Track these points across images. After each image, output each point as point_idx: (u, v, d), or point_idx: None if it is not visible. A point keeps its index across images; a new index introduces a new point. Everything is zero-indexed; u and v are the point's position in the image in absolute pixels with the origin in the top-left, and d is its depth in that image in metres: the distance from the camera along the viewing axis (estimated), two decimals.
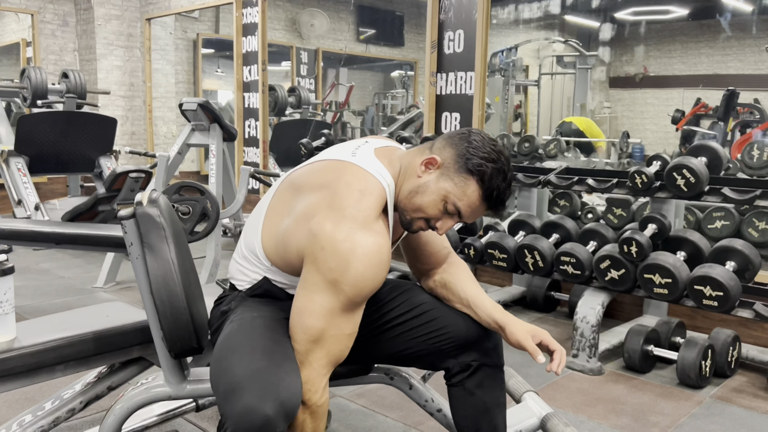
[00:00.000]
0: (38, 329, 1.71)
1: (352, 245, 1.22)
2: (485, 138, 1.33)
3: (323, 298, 1.24)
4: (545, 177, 3.10)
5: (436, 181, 1.32)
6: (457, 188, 1.30)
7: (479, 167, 1.29)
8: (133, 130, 6.73)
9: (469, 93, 3.91)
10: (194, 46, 7.37)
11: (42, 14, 6.47)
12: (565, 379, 2.67)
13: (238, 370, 1.20)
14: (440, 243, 1.58)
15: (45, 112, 4.81)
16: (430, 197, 1.32)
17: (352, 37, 8.44)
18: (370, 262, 1.23)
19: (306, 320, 1.25)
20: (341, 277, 1.22)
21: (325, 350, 1.26)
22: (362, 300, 1.28)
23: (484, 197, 1.31)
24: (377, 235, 1.26)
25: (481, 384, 1.48)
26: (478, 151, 1.30)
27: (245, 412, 1.12)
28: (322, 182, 1.33)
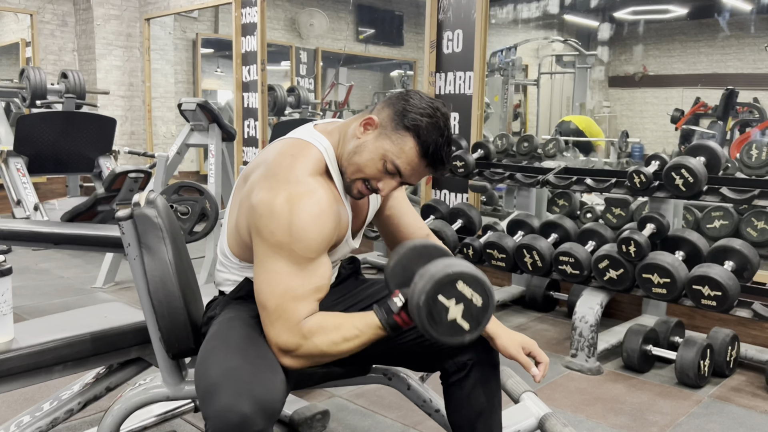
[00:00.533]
0: (36, 330, 1.71)
1: (288, 203, 1.24)
2: (423, 96, 1.34)
3: (276, 263, 1.25)
4: (544, 177, 3.10)
5: (374, 140, 1.33)
6: (395, 145, 1.31)
7: (414, 122, 1.29)
8: (132, 130, 6.73)
9: (468, 93, 3.91)
10: (193, 45, 7.37)
11: (41, 14, 6.47)
12: (564, 378, 2.67)
13: (214, 371, 1.21)
14: (415, 224, 1.62)
15: (44, 112, 4.81)
16: (368, 155, 1.33)
17: (352, 37, 8.44)
18: (309, 214, 1.25)
19: (267, 289, 1.26)
20: (285, 237, 1.24)
21: (292, 308, 1.25)
22: (315, 254, 1.28)
23: (422, 153, 1.31)
24: (313, 188, 1.28)
25: (477, 383, 1.49)
26: (414, 107, 1.31)
27: (222, 411, 1.13)
28: (260, 161, 1.38)
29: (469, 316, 1.19)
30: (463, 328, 1.19)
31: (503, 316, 3.48)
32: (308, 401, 2.23)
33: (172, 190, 3.22)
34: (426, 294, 1.16)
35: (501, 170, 3.34)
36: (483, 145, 3.48)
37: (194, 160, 7.31)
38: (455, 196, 4.04)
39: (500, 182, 3.34)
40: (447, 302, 1.17)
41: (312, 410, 2.16)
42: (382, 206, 1.59)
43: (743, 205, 2.67)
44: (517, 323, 3.37)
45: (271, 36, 7.36)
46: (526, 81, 8.56)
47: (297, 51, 7.86)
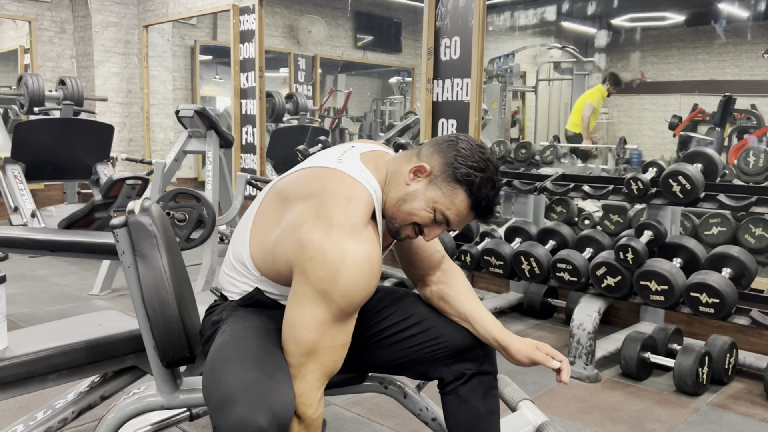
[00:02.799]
0: (30, 338, 1.70)
1: (341, 254, 1.20)
2: (473, 145, 1.31)
3: (314, 309, 1.22)
4: (541, 184, 3.10)
5: (424, 189, 1.30)
6: (446, 198, 1.29)
7: (467, 177, 1.27)
8: (130, 137, 6.73)
9: (466, 99, 3.91)
10: (192, 52, 7.38)
11: (39, 21, 6.48)
12: (562, 386, 2.66)
13: (231, 382, 1.18)
14: (432, 247, 1.57)
15: (42, 119, 4.81)
16: (419, 205, 1.30)
17: (350, 44, 8.46)
18: (360, 270, 1.21)
19: (298, 333, 1.24)
20: (331, 287, 1.21)
21: (319, 362, 1.24)
22: (354, 309, 1.26)
23: (473, 206, 1.30)
24: (366, 242, 1.24)
25: (475, 392, 1.48)
26: (466, 160, 1.28)
27: (238, 423, 1.11)
28: (308, 191, 1.32)
29: None
30: None
31: (501, 323, 3.46)
32: None
33: (169, 197, 3.21)
34: None
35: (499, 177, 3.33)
36: None
37: (192, 167, 7.31)
38: None
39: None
40: None
41: None
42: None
43: (741, 212, 2.67)
44: (515, 330, 3.36)
45: (269, 43, 7.39)
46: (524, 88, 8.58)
47: (295, 58, 7.88)
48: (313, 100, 7.93)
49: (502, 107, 7.14)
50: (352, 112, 8.73)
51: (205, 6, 5.78)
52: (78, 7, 6.58)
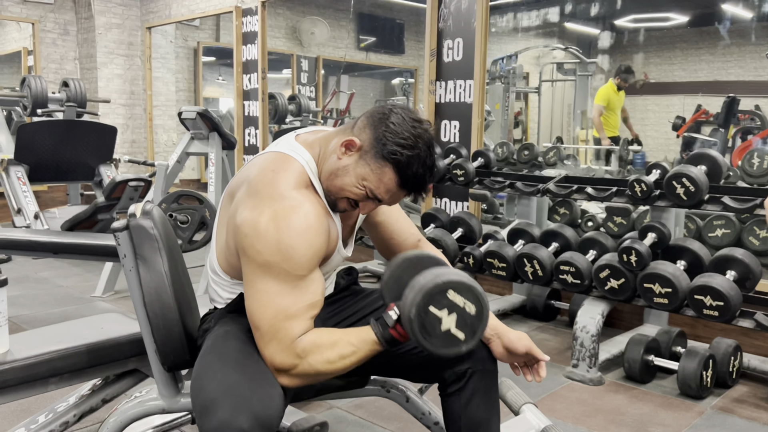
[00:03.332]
0: (32, 341, 1.70)
1: (274, 220, 1.21)
2: (405, 119, 1.28)
3: (264, 284, 1.23)
4: (544, 185, 3.09)
5: (354, 165, 1.29)
6: (374, 175, 1.28)
7: (394, 155, 1.25)
8: (133, 139, 6.74)
9: (468, 101, 3.91)
10: (195, 54, 7.39)
11: (43, 23, 6.49)
12: (565, 389, 2.65)
13: (211, 387, 1.19)
14: (408, 230, 1.59)
15: (45, 120, 4.81)
16: (349, 181, 1.30)
17: (353, 45, 8.45)
18: (296, 230, 1.22)
19: (258, 312, 1.23)
20: (274, 255, 1.21)
21: (286, 327, 1.22)
22: (306, 270, 1.25)
23: (401, 185, 1.28)
24: (297, 202, 1.25)
25: (476, 393, 1.47)
26: (395, 136, 1.26)
27: (220, 427, 1.12)
28: (243, 178, 1.35)
29: (464, 325, 1.17)
30: (458, 339, 1.17)
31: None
32: (307, 412, 2.20)
33: (172, 198, 3.21)
34: (417, 306, 1.14)
35: (501, 179, 3.33)
36: (483, 154, 3.47)
37: (195, 169, 7.31)
38: (456, 204, 4.03)
39: (500, 191, 3.33)
40: (439, 313, 1.15)
41: (310, 422, 2.14)
42: (372, 212, 1.55)
43: (745, 214, 2.65)
44: None
45: (272, 44, 7.39)
46: (527, 89, 8.56)
47: (298, 59, 7.88)
48: (316, 102, 7.92)
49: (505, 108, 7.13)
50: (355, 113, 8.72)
51: (208, 7, 5.79)
52: (81, 9, 6.59)
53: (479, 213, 3.98)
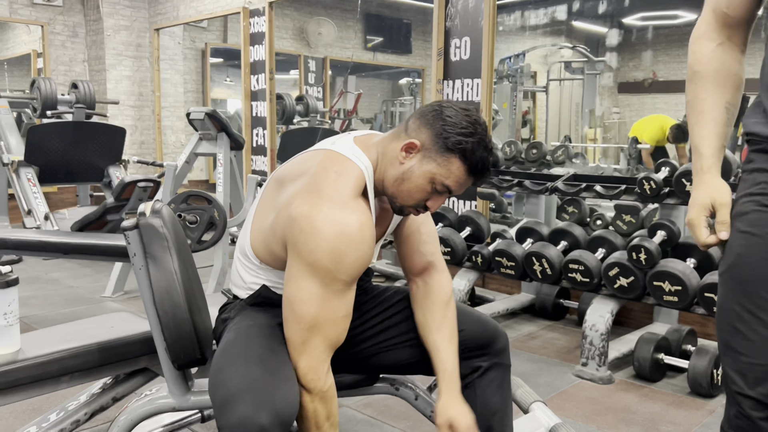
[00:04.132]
0: (43, 340, 1.71)
1: (332, 224, 1.21)
2: (458, 110, 1.30)
3: (310, 283, 1.23)
4: (553, 184, 3.08)
5: (419, 165, 1.30)
6: (442, 168, 1.29)
7: (459, 144, 1.27)
8: (142, 140, 6.77)
9: (476, 100, 3.90)
10: (203, 55, 7.41)
11: (52, 25, 6.53)
12: (575, 388, 2.64)
13: (234, 381, 1.19)
14: (418, 247, 1.52)
15: (54, 122, 4.85)
16: (417, 181, 1.30)
17: (360, 45, 8.46)
18: (351, 240, 1.22)
19: (297, 309, 1.24)
20: (324, 258, 1.21)
21: (322, 336, 1.25)
22: (351, 280, 1.26)
23: (470, 171, 1.29)
24: (357, 212, 1.25)
25: (491, 384, 1.49)
26: (455, 127, 1.27)
27: (240, 423, 1.11)
28: (301, 171, 1.34)
29: None
30: None
31: (513, 324, 3.45)
32: None
33: (181, 199, 3.22)
34: None
35: (510, 177, 3.32)
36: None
37: (203, 169, 7.34)
38: (463, 203, 4.02)
39: (509, 189, 3.33)
40: None
41: None
42: (403, 222, 1.53)
43: None
44: (527, 332, 3.34)
45: (279, 45, 7.41)
46: (534, 88, 8.54)
47: (305, 60, 7.89)
48: (324, 102, 7.94)
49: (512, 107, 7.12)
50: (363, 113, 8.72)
51: (216, 9, 5.81)
52: (90, 11, 6.63)
53: (487, 212, 3.97)
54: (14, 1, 6.25)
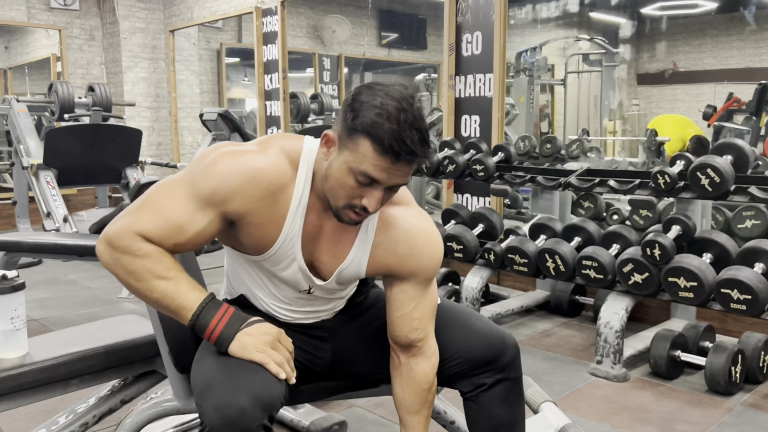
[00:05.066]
0: (50, 344, 1.73)
1: (222, 151, 1.22)
2: (375, 88, 1.15)
3: (173, 177, 1.26)
4: (566, 179, 3.03)
5: (336, 157, 1.18)
6: (354, 153, 1.15)
7: (362, 124, 1.13)
8: (159, 141, 6.83)
9: (488, 95, 3.86)
10: (218, 55, 7.45)
11: (69, 29, 6.61)
12: (589, 386, 2.60)
13: (213, 368, 1.20)
14: (409, 326, 1.34)
15: (72, 125, 4.91)
16: (337, 175, 1.18)
17: (375, 42, 8.44)
18: (227, 165, 1.19)
19: (150, 190, 1.24)
20: (193, 168, 1.22)
21: (142, 213, 1.21)
22: (208, 194, 1.19)
23: (381, 150, 1.12)
24: (256, 150, 1.22)
25: (496, 398, 1.43)
26: (361, 107, 1.14)
27: (219, 406, 1.11)
28: None
29: None
30: None
31: (527, 321, 3.42)
32: (326, 411, 2.21)
33: None
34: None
35: (522, 173, 3.28)
36: (503, 148, 3.42)
37: None
38: (477, 200, 3.99)
39: (521, 185, 3.29)
40: None
41: (329, 421, 2.14)
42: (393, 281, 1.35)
43: None
44: (542, 329, 3.30)
45: (294, 44, 7.42)
46: (552, 81, 8.45)
47: (320, 58, 7.89)
48: (339, 100, 7.93)
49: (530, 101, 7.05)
50: None
51: (229, 9, 5.83)
52: (106, 15, 6.70)
53: (501, 208, 3.94)
54: (32, 6, 6.34)
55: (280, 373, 1.19)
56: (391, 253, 1.30)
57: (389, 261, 1.31)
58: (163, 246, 1.21)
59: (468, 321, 1.47)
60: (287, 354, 1.23)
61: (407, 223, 1.31)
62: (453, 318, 1.47)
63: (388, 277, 1.35)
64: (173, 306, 1.23)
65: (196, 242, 1.24)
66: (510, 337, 1.46)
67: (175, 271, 1.22)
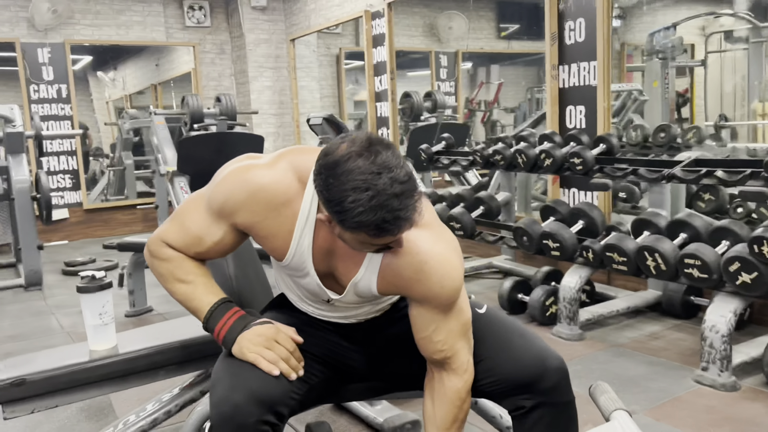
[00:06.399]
0: (136, 338, 1.90)
1: (234, 164, 1.32)
2: (340, 180, 1.07)
3: (200, 191, 1.38)
4: (669, 171, 2.81)
5: (342, 232, 1.16)
6: (360, 237, 1.13)
7: (351, 224, 1.09)
8: (284, 145, 7.19)
9: (593, 84, 3.67)
10: (337, 60, 7.70)
11: (202, 45, 7.16)
12: (691, 394, 2.40)
13: (221, 368, 1.30)
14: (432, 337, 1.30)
15: (200, 134, 5.31)
16: (352, 243, 1.18)
17: (493, 35, 8.29)
18: (236, 174, 1.29)
19: (180, 205, 1.41)
20: (213, 180, 1.34)
21: (173, 223, 1.38)
22: (215, 207, 1.30)
23: (379, 233, 1.10)
24: (268, 167, 1.28)
25: (541, 423, 1.35)
26: (341, 208, 1.08)
27: (219, 402, 1.21)
28: None
29: None
30: None
31: (635, 323, 3.21)
32: (401, 410, 2.23)
33: None
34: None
35: (625, 165, 3.08)
36: (605, 140, 3.24)
37: None
38: (584, 194, 3.81)
39: (623, 178, 3.09)
40: None
41: (403, 419, 2.17)
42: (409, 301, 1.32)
43: None
44: (650, 331, 3.09)
45: (410, 43, 7.49)
46: (689, 62, 7.81)
47: (437, 55, 7.89)
48: (456, 96, 7.89)
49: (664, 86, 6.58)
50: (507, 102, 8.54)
51: (342, 15, 6.01)
52: (234, 29, 7.18)
53: (609, 203, 3.72)
54: (170, 26, 6.94)
55: (273, 370, 1.25)
56: (398, 276, 1.26)
57: (397, 283, 1.27)
58: (185, 254, 1.35)
59: (507, 337, 1.39)
60: (284, 352, 1.28)
61: (417, 248, 1.22)
62: (492, 331, 1.40)
63: (406, 297, 1.33)
64: (191, 307, 1.36)
65: (218, 251, 1.35)
66: (555, 359, 1.36)
67: (195, 275, 1.35)
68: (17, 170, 4.53)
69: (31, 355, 1.80)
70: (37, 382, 1.65)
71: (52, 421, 2.41)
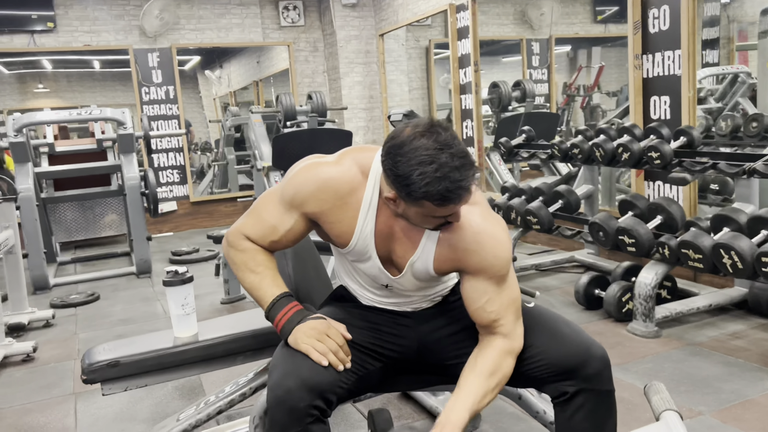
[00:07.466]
0: (215, 327, 2.11)
1: (303, 162, 1.49)
2: (406, 154, 1.24)
3: (274, 187, 1.56)
4: (751, 165, 2.70)
5: (407, 208, 1.32)
6: (424, 209, 1.29)
7: (416, 194, 1.24)
8: (374, 139, 7.38)
9: (678, 73, 3.55)
10: (426, 53, 7.77)
11: (296, 44, 7.46)
12: (765, 397, 2.33)
13: (278, 356, 1.46)
14: (484, 317, 1.43)
15: (293, 131, 5.59)
16: (415, 219, 1.35)
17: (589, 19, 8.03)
18: (305, 173, 1.45)
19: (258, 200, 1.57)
20: (285, 176, 1.50)
21: (248, 217, 1.54)
22: (288, 199, 1.46)
23: (443, 202, 1.24)
24: (332, 162, 1.45)
25: (580, 409, 1.43)
26: (407, 179, 1.24)
27: (273, 386, 1.37)
28: None
29: None
30: None
31: (717, 321, 3.11)
32: None
33: None
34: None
35: (705, 159, 2.98)
36: (685, 132, 3.14)
37: None
38: (669, 188, 3.70)
39: (702, 172, 2.99)
40: None
41: None
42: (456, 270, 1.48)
43: None
44: (732, 330, 2.99)
45: (501, 32, 7.43)
46: None
47: (528, 42, 7.77)
48: (549, 84, 7.74)
49: None
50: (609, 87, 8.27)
51: (428, 9, 6.08)
52: (326, 27, 7.42)
53: (694, 197, 3.59)
54: (266, 26, 7.29)
55: (322, 360, 1.39)
56: (454, 248, 1.40)
57: (453, 256, 1.42)
58: (260, 244, 1.52)
59: (555, 325, 1.49)
60: (334, 345, 1.42)
61: (470, 222, 1.38)
62: (540, 321, 1.50)
63: (460, 273, 1.46)
64: (257, 296, 1.53)
65: (289, 239, 1.52)
66: (599, 348, 1.45)
67: (264, 267, 1.52)
68: (128, 168, 4.99)
69: (126, 340, 2.05)
70: (129, 364, 1.89)
71: (151, 398, 2.71)
